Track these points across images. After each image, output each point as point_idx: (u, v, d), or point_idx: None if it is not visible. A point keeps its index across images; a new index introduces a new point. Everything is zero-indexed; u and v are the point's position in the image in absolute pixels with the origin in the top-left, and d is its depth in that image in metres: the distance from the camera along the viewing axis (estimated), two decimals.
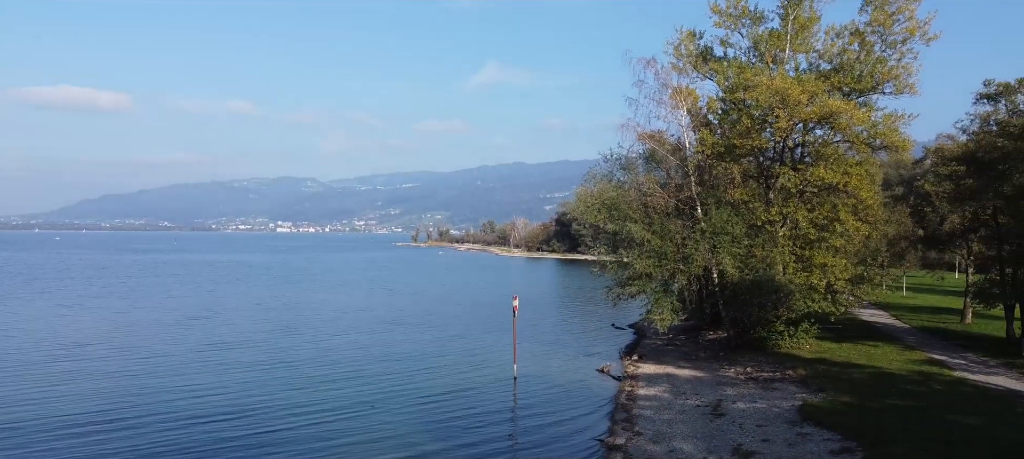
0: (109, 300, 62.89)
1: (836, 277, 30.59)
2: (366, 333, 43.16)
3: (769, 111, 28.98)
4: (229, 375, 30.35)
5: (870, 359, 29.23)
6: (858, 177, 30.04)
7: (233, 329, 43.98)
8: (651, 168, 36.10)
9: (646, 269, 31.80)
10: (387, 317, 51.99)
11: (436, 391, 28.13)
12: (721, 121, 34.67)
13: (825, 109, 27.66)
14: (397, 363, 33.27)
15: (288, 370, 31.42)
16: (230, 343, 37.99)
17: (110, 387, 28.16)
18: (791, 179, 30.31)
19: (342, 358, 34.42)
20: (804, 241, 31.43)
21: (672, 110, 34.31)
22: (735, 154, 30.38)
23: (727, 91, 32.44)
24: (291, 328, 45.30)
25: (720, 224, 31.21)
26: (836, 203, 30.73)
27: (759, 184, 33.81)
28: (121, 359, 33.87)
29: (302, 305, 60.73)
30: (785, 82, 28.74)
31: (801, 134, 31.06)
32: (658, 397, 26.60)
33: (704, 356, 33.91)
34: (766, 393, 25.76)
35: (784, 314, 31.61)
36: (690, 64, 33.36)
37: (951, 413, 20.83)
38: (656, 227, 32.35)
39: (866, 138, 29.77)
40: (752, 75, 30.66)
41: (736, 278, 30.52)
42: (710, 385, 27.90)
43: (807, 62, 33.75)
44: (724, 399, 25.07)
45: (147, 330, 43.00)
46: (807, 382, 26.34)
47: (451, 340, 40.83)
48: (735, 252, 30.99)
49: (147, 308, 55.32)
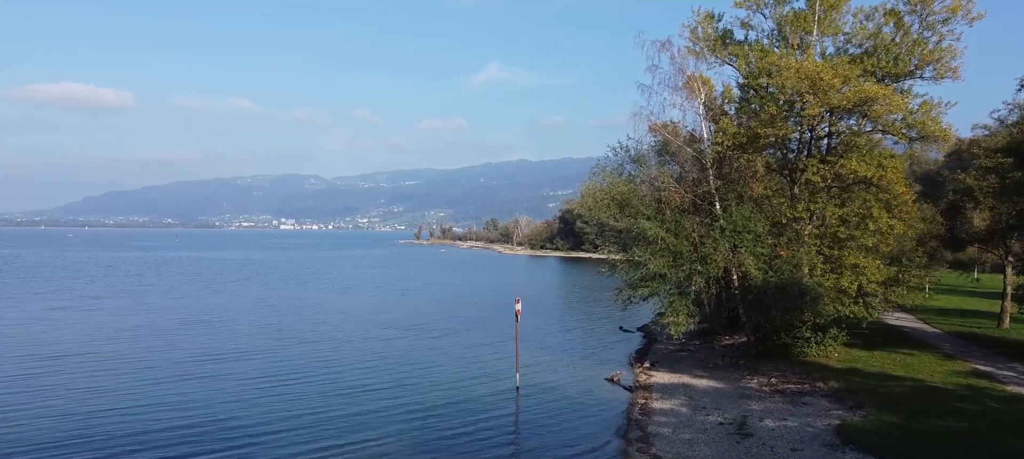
0: (106, 300, 60.51)
1: (868, 279, 27.97)
2: (355, 339, 40.33)
3: (798, 97, 26.38)
4: (211, 388, 27.78)
5: (908, 370, 26.62)
6: (893, 170, 27.45)
7: (224, 337, 41.46)
8: (664, 161, 33.53)
9: (660, 269, 29.24)
10: (379, 320, 49.51)
11: (430, 404, 25.64)
12: (739, 110, 32.05)
13: (861, 95, 24.99)
14: (387, 374, 30.61)
15: (272, 383, 28.74)
16: (219, 353, 35.03)
17: (87, 402, 25.73)
18: (819, 172, 27.66)
19: (328, 368, 31.72)
20: (833, 240, 28.82)
21: (688, 99, 31.80)
22: (758, 145, 27.78)
23: (749, 77, 29.79)
24: (277, 334, 42.88)
25: (741, 221, 28.63)
26: (868, 198, 28.10)
27: (783, 178, 31.19)
28: (107, 368, 31.44)
29: (290, 308, 58.29)
30: (816, 65, 26.14)
31: (830, 123, 28.37)
32: (675, 412, 24.10)
33: (722, 364, 31.39)
34: (796, 409, 23.22)
35: (810, 319, 29.04)
36: (708, 48, 30.71)
37: (1014, 437, 18.26)
38: (670, 224, 29.80)
39: (903, 127, 27.14)
40: (777, 59, 28.07)
41: (759, 280, 27.93)
42: (731, 398, 25.39)
43: (834, 46, 31.11)
44: (749, 416, 22.56)
45: (139, 336, 40.29)
46: (841, 396, 23.77)
47: (448, 345, 38.26)
48: (758, 252, 28.41)
49: (143, 310, 52.63)
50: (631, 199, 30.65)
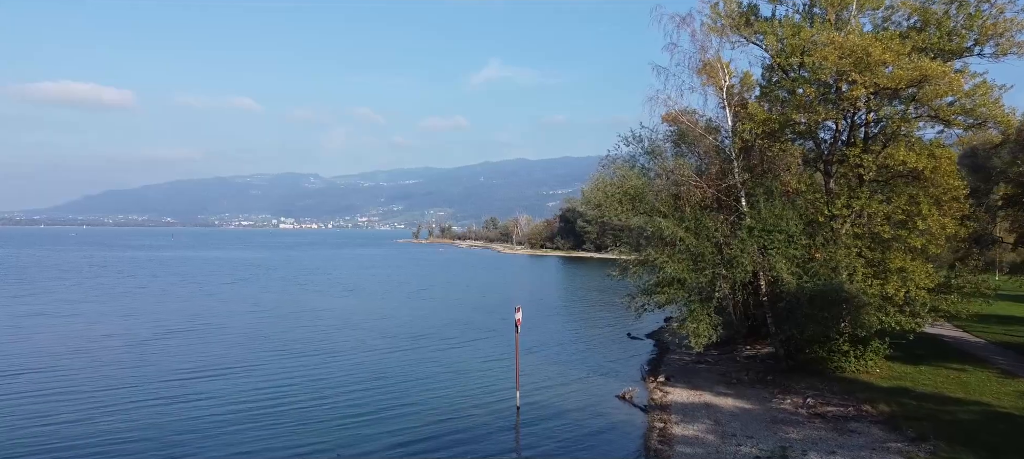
0: (86, 305, 57.18)
1: (917, 285, 24.50)
2: (344, 350, 36.56)
3: (841, 77, 22.96)
4: (170, 416, 24.20)
5: (967, 391, 23.19)
6: (948, 161, 24.02)
7: (202, 349, 37.93)
8: (681, 152, 30.06)
9: (678, 274, 25.84)
10: (371, 328, 46.09)
11: (418, 428, 22.30)
12: (764, 94, 28.54)
13: (916, 73, 21.51)
14: (375, 393, 26.88)
15: (242, 408, 24.86)
16: (191, 370, 30.93)
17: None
18: (864, 163, 24.18)
19: (311, 387, 27.92)
20: (874, 240, 25.35)
21: (707, 83, 28.41)
22: (795, 131, 24.34)
23: (779, 56, 26.30)
24: (261, 345, 39.54)
25: (772, 219, 25.17)
26: (916, 194, 24.63)
27: (819, 170, 27.72)
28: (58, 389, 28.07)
29: (279, 314, 55.02)
30: (863, 38, 22.69)
31: (874, 107, 24.85)
32: (700, 440, 20.72)
33: (747, 379, 27.96)
34: (843, 438, 19.83)
35: (848, 330, 25.61)
36: (730, 26, 27.22)
37: None
38: (690, 223, 26.36)
39: (958, 112, 23.67)
40: (812, 35, 24.64)
41: (793, 286, 24.48)
42: (763, 422, 22.01)
43: (871, 23, 27.61)
44: (789, 447, 19.18)
45: (108, 349, 36.38)
46: (896, 423, 20.37)
47: (442, 357, 34.68)
48: (791, 254, 24.97)
49: (123, 317, 48.81)
50: (645, 194, 27.23)
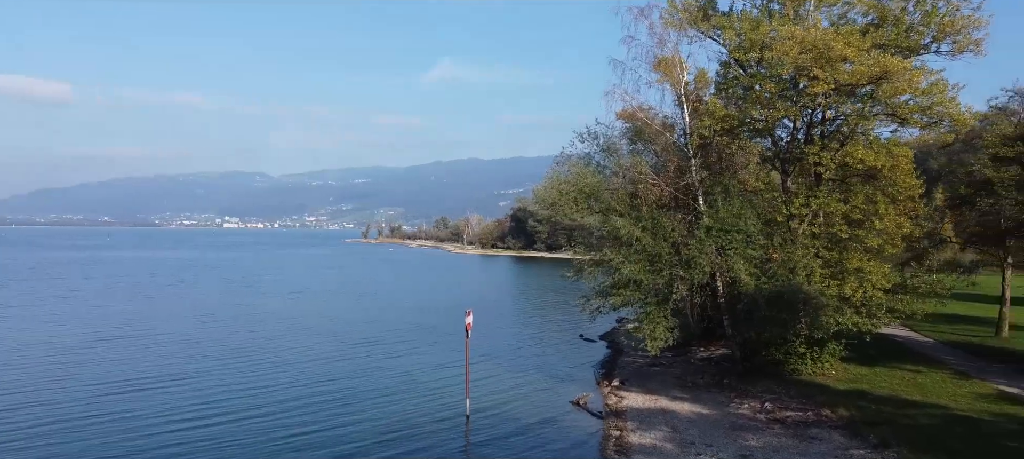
0: (7, 311, 53.59)
1: (874, 286, 24.16)
2: (281, 361, 33.91)
3: (801, 72, 22.39)
4: (87, 437, 21.85)
5: (924, 392, 22.88)
6: (905, 159, 23.74)
7: (133, 358, 35.46)
8: (638, 150, 29.20)
9: (634, 275, 24.95)
10: (307, 328, 44.24)
11: (361, 443, 20.83)
12: (719, 91, 27.87)
13: (878, 68, 21.07)
14: (313, 406, 25.02)
15: (171, 426, 22.59)
16: (120, 382, 28.17)
17: None
18: (823, 161, 23.70)
19: (248, 401, 25.82)
20: (831, 241, 24.93)
21: (660, 81, 27.61)
22: (753, 129, 23.72)
23: (737, 51, 25.67)
24: (197, 353, 37.39)
25: (730, 219, 24.48)
26: (873, 193, 24.29)
27: (776, 168, 27.22)
28: None
29: (219, 318, 52.59)
30: (824, 33, 22.18)
31: (834, 104, 24.40)
32: (658, 449, 19.83)
33: (702, 382, 27.27)
34: (804, 445, 19.18)
35: (804, 332, 25.12)
36: (688, 20, 26.48)
37: None
38: (646, 222, 25.51)
39: (916, 110, 23.38)
40: (771, 29, 24.07)
41: (751, 287, 23.84)
42: (722, 429, 21.26)
43: (828, 20, 27.24)
44: (750, 457, 18.42)
45: (27, 360, 33.31)
46: (856, 428, 19.82)
47: (386, 366, 32.88)
48: (749, 255, 24.33)
49: (49, 324, 45.57)
50: (601, 192, 26.27)
